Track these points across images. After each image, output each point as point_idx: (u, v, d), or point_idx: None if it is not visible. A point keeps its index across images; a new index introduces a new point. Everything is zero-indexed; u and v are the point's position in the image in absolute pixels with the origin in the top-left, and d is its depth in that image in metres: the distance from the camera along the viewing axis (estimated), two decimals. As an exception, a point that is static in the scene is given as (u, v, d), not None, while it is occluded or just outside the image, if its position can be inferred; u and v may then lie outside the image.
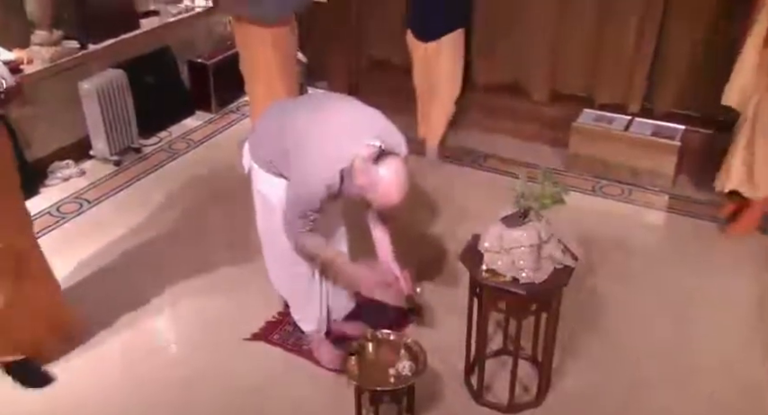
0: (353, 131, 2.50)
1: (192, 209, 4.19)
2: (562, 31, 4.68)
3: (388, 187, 2.41)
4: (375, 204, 2.54)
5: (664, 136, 4.36)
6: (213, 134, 5.12)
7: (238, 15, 4.21)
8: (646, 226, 4.12)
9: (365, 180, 2.43)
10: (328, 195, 2.51)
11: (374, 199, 2.49)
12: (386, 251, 2.86)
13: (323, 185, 2.47)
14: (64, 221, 4.08)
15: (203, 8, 5.30)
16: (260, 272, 3.14)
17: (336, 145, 2.47)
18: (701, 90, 4.42)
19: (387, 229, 2.87)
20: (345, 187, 2.52)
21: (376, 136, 2.46)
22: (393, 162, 2.42)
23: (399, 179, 2.42)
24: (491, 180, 4.50)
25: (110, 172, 4.57)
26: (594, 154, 4.48)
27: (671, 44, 4.44)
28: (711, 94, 4.38)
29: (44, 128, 4.38)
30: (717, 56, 4.29)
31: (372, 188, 2.43)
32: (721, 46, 4.25)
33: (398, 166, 2.42)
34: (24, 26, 4.22)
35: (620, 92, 4.67)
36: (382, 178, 2.40)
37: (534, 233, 2.48)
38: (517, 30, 4.82)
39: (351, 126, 2.53)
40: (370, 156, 2.42)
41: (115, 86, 4.55)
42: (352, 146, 2.45)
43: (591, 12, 4.56)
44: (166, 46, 5.14)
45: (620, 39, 4.53)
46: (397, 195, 2.43)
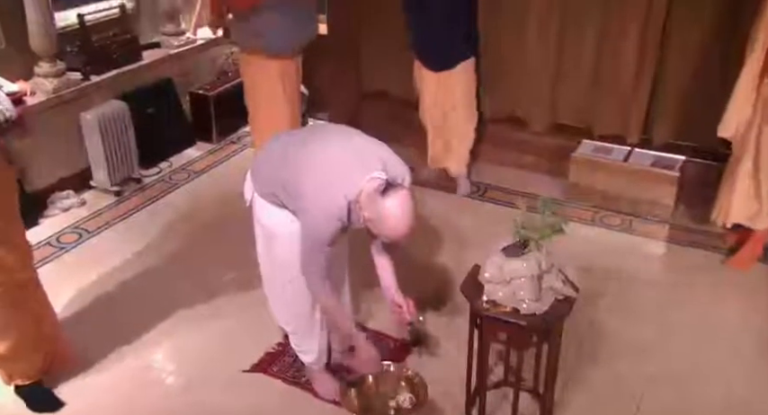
0: (359, 164, 2.50)
1: (191, 239, 4.18)
2: (561, 63, 4.72)
3: (395, 220, 2.41)
4: (382, 236, 2.54)
5: (663, 167, 4.37)
6: (214, 164, 5.14)
7: (247, 47, 4.26)
8: (646, 257, 4.11)
9: (372, 213, 2.43)
10: (341, 228, 2.52)
11: (381, 232, 2.49)
12: (389, 280, 2.86)
13: (335, 220, 2.47)
14: (64, 251, 4.08)
15: (205, 40, 5.37)
16: (260, 303, 3.12)
17: (343, 178, 2.47)
18: (699, 121, 4.44)
19: (391, 258, 2.86)
20: (353, 219, 2.52)
21: (381, 169, 2.47)
22: (399, 194, 2.42)
23: (406, 211, 2.42)
24: (491, 210, 4.51)
25: (110, 203, 4.58)
26: (594, 185, 4.48)
27: (669, 75, 4.47)
28: (710, 125, 4.41)
29: (45, 158, 4.40)
30: (715, 87, 4.33)
31: (379, 221, 2.43)
32: (719, 78, 4.29)
33: (405, 199, 2.43)
34: (28, 57, 4.27)
35: (618, 124, 4.69)
36: (389, 211, 2.40)
37: (534, 263, 2.48)
38: (516, 62, 4.86)
39: (355, 158, 2.54)
40: (377, 189, 2.42)
41: (117, 117, 4.57)
42: (358, 178, 2.45)
43: (589, 44, 4.60)
44: (168, 77, 5.18)
45: (619, 71, 4.56)
46: (405, 228, 2.43)
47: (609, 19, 4.48)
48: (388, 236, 2.50)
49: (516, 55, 4.85)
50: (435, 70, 4.42)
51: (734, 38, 4.15)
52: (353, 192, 2.45)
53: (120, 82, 4.76)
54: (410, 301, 2.82)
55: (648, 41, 4.40)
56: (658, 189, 4.34)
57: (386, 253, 2.85)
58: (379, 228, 2.46)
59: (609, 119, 4.71)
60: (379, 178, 2.44)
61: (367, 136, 2.68)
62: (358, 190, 2.44)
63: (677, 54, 4.40)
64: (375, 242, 2.82)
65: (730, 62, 4.20)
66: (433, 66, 4.42)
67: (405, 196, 2.43)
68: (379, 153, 2.59)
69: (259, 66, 4.24)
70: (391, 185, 2.45)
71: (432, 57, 4.41)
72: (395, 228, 2.43)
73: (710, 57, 4.30)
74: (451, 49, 4.36)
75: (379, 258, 2.87)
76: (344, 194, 2.45)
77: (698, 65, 4.36)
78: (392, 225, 2.43)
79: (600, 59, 4.62)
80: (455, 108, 4.51)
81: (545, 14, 4.60)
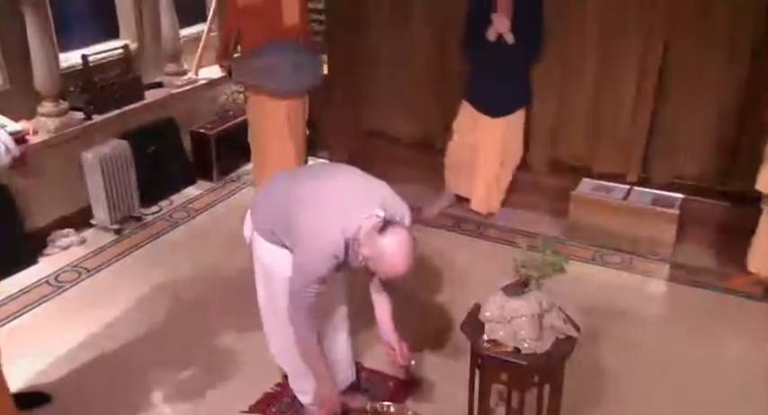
0: (358, 201, 2.51)
1: (190, 278, 4.16)
2: (560, 102, 4.77)
3: (393, 258, 2.41)
4: (380, 274, 2.53)
5: (663, 205, 4.37)
6: (214, 203, 5.15)
7: (253, 87, 4.31)
8: (647, 296, 4.09)
9: (370, 250, 2.42)
10: (335, 265, 2.50)
11: (379, 270, 2.48)
12: (386, 320, 2.85)
13: (330, 256, 2.46)
14: (62, 290, 4.06)
15: (207, 80, 5.43)
16: (259, 342, 3.10)
17: (341, 215, 2.48)
18: (698, 160, 4.48)
19: (388, 298, 2.85)
20: (350, 257, 2.51)
21: (380, 207, 2.48)
22: (398, 232, 2.42)
23: (404, 249, 2.41)
24: (491, 248, 4.50)
25: (110, 241, 4.57)
26: (594, 223, 4.49)
27: (667, 115, 4.50)
28: (709, 164, 4.46)
29: (46, 197, 4.41)
30: (713, 127, 4.37)
31: (378, 258, 2.42)
32: (717, 117, 4.34)
33: (403, 237, 2.42)
34: (32, 97, 4.31)
35: (618, 162, 4.71)
36: (387, 249, 2.40)
37: (535, 302, 2.47)
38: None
39: (355, 196, 2.55)
40: (375, 227, 2.42)
41: (118, 156, 4.60)
42: (356, 216, 2.45)
43: (588, 83, 4.65)
44: (170, 116, 5.22)
45: (617, 110, 4.60)
46: (403, 266, 2.42)
47: (607, 57, 4.53)
48: (386, 274, 2.49)
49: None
50: (495, 116, 4.49)
51: (732, 76, 4.22)
52: (351, 229, 2.45)
53: (121, 121, 4.80)
54: (404, 344, 2.80)
55: (646, 80, 4.45)
56: (658, 227, 4.34)
57: (384, 293, 2.84)
58: (378, 266, 2.46)
59: (608, 157, 4.73)
60: (377, 215, 2.44)
61: (367, 175, 2.70)
62: (356, 227, 2.44)
63: (675, 93, 4.43)
64: (374, 280, 2.81)
65: (729, 101, 4.27)
66: (494, 113, 4.49)
67: (404, 234, 2.43)
68: (379, 191, 2.60)
69: (264, 106, 4.29)
70: (390, 223, 2.45)
71: (496, 104, 4.48)
72: (393, 266, 2.42)
73: (708, 96, 4.34)
74: (515, 95, 4.48)
75: (378, 297, 2.86)
76: (342, 230, 2.45)
77: (696, 104, 4.40)
78: (390, 263, 2.42)
79: (598, 98, 4.66)
80: (508, 152, 4.59)
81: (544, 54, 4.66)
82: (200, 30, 5.54)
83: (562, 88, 4.71)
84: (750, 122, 4.17)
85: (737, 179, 4.34)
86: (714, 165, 4.44)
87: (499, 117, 4.51)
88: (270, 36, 4.14)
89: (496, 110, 4.50)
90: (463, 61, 4.62)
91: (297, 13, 4.22)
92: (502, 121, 4.52)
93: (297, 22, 4.21)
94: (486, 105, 4.52)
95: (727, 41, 4.17)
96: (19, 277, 4.13)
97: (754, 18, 4.06)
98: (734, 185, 4.36)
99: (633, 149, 4.63)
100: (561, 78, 4.67)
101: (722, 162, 4.41)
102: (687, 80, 4.36)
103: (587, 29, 4.50)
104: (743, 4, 4.08)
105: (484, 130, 4.56)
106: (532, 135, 4.90)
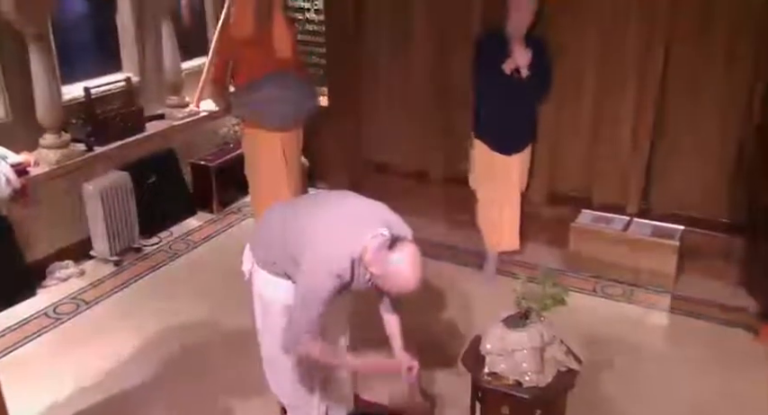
0: (361, 221, 2.51)
1: (189, 311, 4.14)
2: (559, 134, 4.79)
3: (405, 272, 2.40)
4: (392, 290, 2.51)
5: (663, 237, 4.37)
6: (213, 234, 5.15)
7: (248, 120, 4.35)
8: (649, 327, 4.07)
9: (380, 268, 2.41)
10: (340, 286, 2.49)
11: (391, 287, 2.47)
12: (398, 338, 2.82)
13: (333, 275, 2.45)
14: (60, 322, 4.03)
15: (208, 112, 5.47)
16: (258, 376, 3.07)
17: (345, 235, 2.48)
18: (698, 191, 4.49)
19: (399, 317, 2.83)
20: (356, 277, 2.50)
21: (384, 226, 2.48)
22: (407, 247, 2.42)
23: (415, 263, 2.41)
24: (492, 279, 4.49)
25: (109, 273, 4.56)
26: (594, 255, 4.48)
27: (666, 147, 4.53)
28: (708, 196, 4.47)
29: (46, 228, 4.41)
30: (713, 159, 4.39)
31: (388, 276, 2.42)
32: (718, 149, 4.36)
33: (412, 250, 2.42)
34: (34, 129, 4.34)
35: (617, 193, 4.72)
36: (398, 265, 2.39)
37: (536, 334, 2.46)
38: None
39: (358, 216, 2.56)
40: (383, 244, 2.42)
41: (119, 188, 4.61)
42: (361, 236, 2.45)
43: (586, 115, 4.68)
44: (171, 148, 5.25)
45: (616, 142, 4.62)
46: (414, 280, 2.42)
47: (605, 89, 4.56)
48: (398, 290, 2.48)
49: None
50: (509, 154, 4.38)
51: (732, 111, 4.24)
52: (357, 250, 2.44)
53: (122, 153, 4.82)
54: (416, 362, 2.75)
55: (645, 112, 4.48)
56: (659, 258, 4.33)
57: (394, 312, 2.82)
58: (389, 283, 2.45)
59: (607, 188, 4.74)
60: (382, 234, 2.45)
61: (367, 198, 2.71)
62: (361, 248, 2.44)
63: (673, 125, 4.46)
64: (383, 301, 2.79)
65: (728, 134, 4.29)
66: (510, 151, 4.37)
67: (412, 248, 2.43)
68: (380, 212, 2.61)
69: (260, 139, 4.34)
70: (397, 240, 2.45)
71: (511, 142, 4.37)
72: (406, 280, 2.41)
73: (707, 128, 4.37)
74: (527, 132, 4.41)
75: (388, 317, 2.83)
76: (349, 253, 2.45)
77: (695, 136, 4.42)
78: (403, 278, 2.41)
79: (596, 130, 4.68)
80: (515, 188, 4.50)
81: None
82: (202, 63, 5.60)
83: (560, 120, 4.74)
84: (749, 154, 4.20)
85: (738, 210, 4.36)
86: (714, 197, 4.45)
87: (511, 154, 4.38)
88: (263, 69, 4.20)
89: (512, 147, 4.36)
90: (467, 95, 4.55)
91: (288, 46, 4.29)
92: (518, 158, 4.39)
93: (289, 55, 4.27)
94: (501, 143, 4.36)
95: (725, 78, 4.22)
96: (17, 308, 4.11)
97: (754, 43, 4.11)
98: (734, 216, 4.37)
99: (632, 181, 4.64)
100: (559, 110, 4.70)
101: (722, 193, 4.42)
102: (686, 112, 4.39)
103: (585, 60, 4.55)
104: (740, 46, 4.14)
105: (501, 169, 4.40)
106: (531, 166, 4.91)
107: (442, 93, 4.98)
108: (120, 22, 5.10)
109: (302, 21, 5.63)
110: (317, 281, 2.47)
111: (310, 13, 5.60)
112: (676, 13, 4.22)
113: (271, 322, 2.75)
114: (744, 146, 4.28)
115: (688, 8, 4.19)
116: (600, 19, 4.42)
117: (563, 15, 4.43)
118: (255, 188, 4.56)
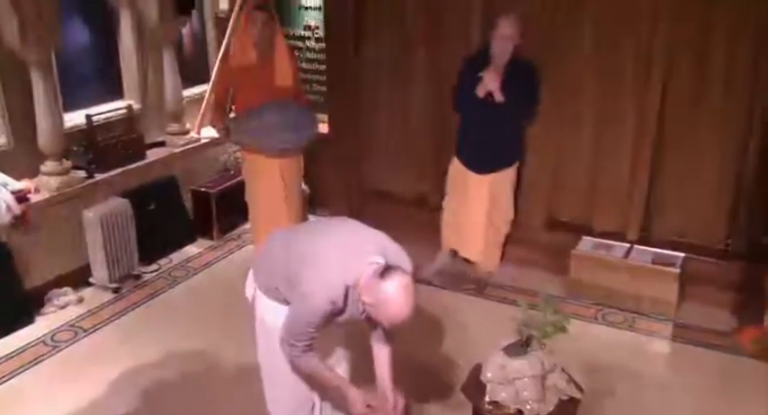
0: (358, 249, 2.51)
1: (187, 339, 4.11)
2: (559, 160, 4.81)
3: (395, 303, 2.38)
4: (382, 320, 2.49)
5: (664, 264, 4.35)
6: (213, 261, 5.13)
7: (247, 146, 4.37)
8: (651, 355, 4.04)
9: (371, 297, 2.40)
10: (331, 312, 2.48)
11: (381, 316, 2.45)
12: (386, 371, 2.81)
13: (326, 301, 2.45)
14: (57, 350, 4.00)
15: (208, 139, 5.49)
16: (259, 402, 3.04)
17: (341, 262, 2.47)
18: (698, 219, 4.49)
19: (390, 350, 2.81)
20: (350, 305, 2.49)
21: (380, 254, 2.47)
22: (399, 277, 2.40)
23: (407, 293, 2.39)
24: (491, 307, 4.46)
25: (108, 300, 4.54)
26: (595, 282, 4.46)
27: (666, 175, 4.54)
28: (708, 223, 4.47)
29: (45, 255, 4.39)
30: (711, 187, 4.39)
31: (379, 304, 2.40)
32: (716, 176, 4.37)
33: (405, 281, 2.40)
34: (35, 156, 4.35)
35: (617, 220, 4.72)
36: (389, 295, 2.38)
37: (537, 362, 2.44)
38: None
39: (355, 244, 2.56)
40: (376, 272, 2.41)
41: (119, 215, 4.61)
42: (357, 264, 2.45)
43: (587, 144, 4.71)
44: (171, 175, 5.26)
45: (616, 172, 4.64)
46: (406, 310, 2.40)
47: (605, 118, 4.59)
48: (389, 319, 2.45)
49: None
50: (482, 173, 4.47)
51: (730, 139, 4.26)
52: (352, 277, 2.44)
53: (123, 179, 4.83)
54: (401, 399, 2.73)
55: (644, 140, 4.50)
56: (660, 285, 4.31)
57: (387, 345, 2.80)
58: (380, 312, 2.43)
59: (607, 216, 4.75)
60: (377, 263, 2.44)
61: (367, 226, 2.71)
62: (357, 274, 2.43)
63: (673, 152, 4.48)
64: (375, 332, 2.78)
65: (727, 162, 4.31)
66: (481, 170, 4.47)
67: (404, 278, 2.41)
68: (378, 239, 2.61)
69: (259, 165, 4.35)
70: (391, 268, 2.43)
71: (483, 162, 4.46)
72: (397, 310, 2.40)
73: (706, 157, 4.39)
74: (504, 154, 4.47)
75: (379, 348, 2.81)
76: (343, 280, 2.44)
77: (694, 165, 4.44)
78: (393, 308, 2.39)
79: (596, 158, 4.70)
80: (498, 207, 4.56)
81: (541, 115, 4.73)
82: (203, 90, 5.63)
83: (560, 147, 4.76)
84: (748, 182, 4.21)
85: (738, 238, 4.35)
86: (714, 224, 4.45)
87: (486, 174, 4.48)
88: (263, 96, 4.23)
89: (484, 167, 4.47)
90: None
91: (289, 74, 4.33)
92: (490, 178, 4.49)
93: (289, 83, 4.31)
94: (473, 162, 4.50)
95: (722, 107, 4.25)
96: (15, 336, 4.08)
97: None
98: (735, 244, 4.36)
99: (632, 208, 4.64)
100: (558, 137, 4.72)
101: (722, 221, 4.42)
102: (684, 142, 4.42)
103: (585, 89, 4.58)
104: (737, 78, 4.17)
105: (473, 187, 4.53)
106: (531, 193, 4.92)
107: (441, 121, 5.00)
108: (123, 50, 5.14)
109: (303, 49, 5.68)
110: (311, 305, 2.47)
111: (311, 42, 5.65)
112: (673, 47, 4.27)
113: (272, 347, 2.73)
114: (742, 174, 4.29)
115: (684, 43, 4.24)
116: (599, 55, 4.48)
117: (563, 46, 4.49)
118: (255, 214, 4.56)
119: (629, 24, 4.34)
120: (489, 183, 4.49)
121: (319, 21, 5.54)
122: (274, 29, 4.33)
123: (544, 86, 4.43)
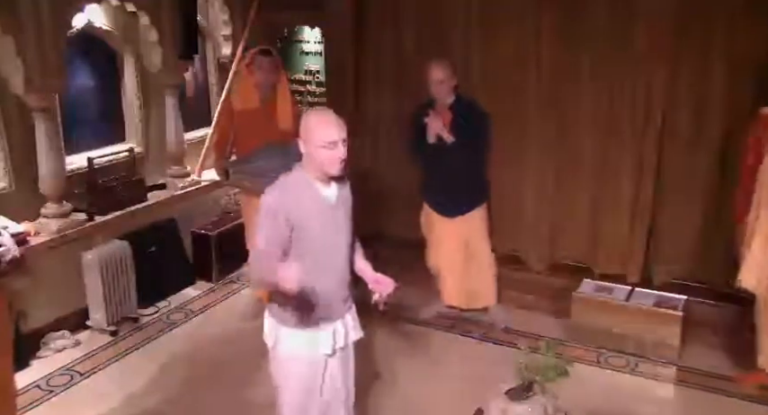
0: None
1: (186, 382, 4.07)
2: (559, 203, 4.82)
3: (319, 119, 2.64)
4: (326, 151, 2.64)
5: (666, 307, 4.32)
6: (213, 303, 5.10)
7: (248, 188, 4.38)
8: (655, 400, 3.97)
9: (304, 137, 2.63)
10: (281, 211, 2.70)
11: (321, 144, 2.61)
12: (368, 269, 2.93)
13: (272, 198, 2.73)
14: (52, 395, 3.95)
15: (209, 182, 5.50)
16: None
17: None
18: (700, 261, 4.48)
19: (366, 260, 2.99)
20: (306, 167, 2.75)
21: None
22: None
23: (325, 111, 2.69)
24: (492, 350, 4.42)
25: (105, 343, 4.49)
26: (597, 325, 4.42)
27: (666, 219, 4.55)
28: (710, 265, 4.46)
29: (43, 297, 4.36)
30: (712, 231, 4.39)
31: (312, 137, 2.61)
32: (715, 222, 4.37)
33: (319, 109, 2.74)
34: (36, 199, 4.36)
35: (618, 263, 4.71)
36: (310, 117, 2.65)
37: (540, 407, 2.40)
38: (515, 202, 4.97)
39: None
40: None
41: (118, 258, 4.59)
42: None
43: (587, 183, 4.73)
44: (171, 217, 5.27)
45: (616, 212, 4.65)
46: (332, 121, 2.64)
47: (604, 161, 4.62)
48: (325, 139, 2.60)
49: (514, 197, 4.97)
50: (449, 216, 4.48)
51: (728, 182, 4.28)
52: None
53: (123, 222, 4.83)
54: (391, 281, 2.76)
55: (644, 184, 4.52)
56: (663, 329, 4.27)
57: (362, 259, 3.00)
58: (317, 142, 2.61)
59: (608, 259, 4.74)
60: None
61: None
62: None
63: (672, 196, 4.49)
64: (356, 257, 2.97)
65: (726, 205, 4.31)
66: (449, 213, 4.48)
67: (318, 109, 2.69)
68: None
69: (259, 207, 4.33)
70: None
71: (449, 205, 4.48)
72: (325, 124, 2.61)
73: (706, 203, 4.40)
74: (466, 196, 4.47)
75: (359, 264, 2.97)
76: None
77: (693, 208, 4.45)
78: (322, 125, 2.61)
79: (597, 201, 4.71)
80: (477, 247, 4.54)
81: (541, 159, 4.75)
82: (205, 133, 5.67)
83: (560, 192, 4.78)
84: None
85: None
86: (716, 267, 4.43)
87: (453, 217, 4.48)
88: (264, 140, 4.26)
89: (449, 210, 4.48)
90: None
91: (290, 118, 4.37)
92: (458, 221, 4.48)
93: (290, 126, 4.34)
94: (438, 206, 4.52)
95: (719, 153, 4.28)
96: (10, 380, 4.03)
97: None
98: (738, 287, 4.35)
99: (633, 252, 4.64)
100: (558, 182, 4.75)
101: (724, 264, 4.40)
102: (684, 189, 4.46)
103: (584, 134, 4.62)
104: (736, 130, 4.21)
105: (441, 230, 4.53)
106: (532, 236, 4.92)
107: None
108: (125, 94, 5.20)
109: (304, 92, 5.75)
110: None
111: (311, 86, 5.72)
112: (672, 95, 4.33)
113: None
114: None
115: (682, 94, 4.31)
116: (597, 104, 4.56)
117: (563, 95, 4.56)
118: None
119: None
120: (458, 226, 4.49)
121: (320, 65, 5.63)
122: (279, 74, 4.39)
123: (545, 135, 4.47)
